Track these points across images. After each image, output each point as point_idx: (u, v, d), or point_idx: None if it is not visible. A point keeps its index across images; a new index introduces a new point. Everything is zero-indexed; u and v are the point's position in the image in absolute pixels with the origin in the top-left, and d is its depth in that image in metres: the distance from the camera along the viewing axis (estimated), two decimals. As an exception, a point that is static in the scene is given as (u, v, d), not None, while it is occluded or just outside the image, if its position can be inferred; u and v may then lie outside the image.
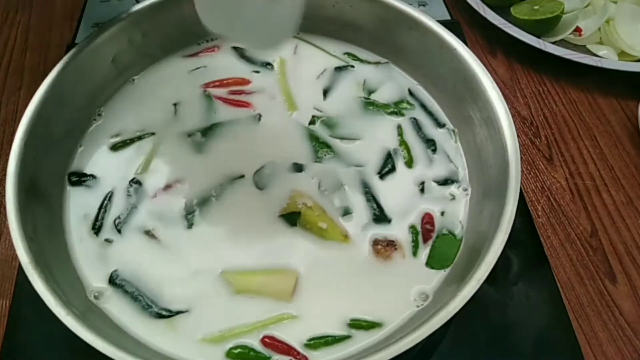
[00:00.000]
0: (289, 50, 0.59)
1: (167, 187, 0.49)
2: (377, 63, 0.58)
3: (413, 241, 0.47)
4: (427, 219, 0.48)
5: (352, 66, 0.58)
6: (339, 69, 0.58)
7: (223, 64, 0.57)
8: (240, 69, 0.57)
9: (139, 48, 0.55)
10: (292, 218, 0.47)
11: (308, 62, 0.58)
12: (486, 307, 0.49)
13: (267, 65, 0.58)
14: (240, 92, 0.56)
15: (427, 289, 0.44)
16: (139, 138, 0.52)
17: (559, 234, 0.55)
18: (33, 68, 0.69)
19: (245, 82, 0.56)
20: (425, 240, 0.47)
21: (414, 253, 0.46)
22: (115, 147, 0.52)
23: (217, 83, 0.56)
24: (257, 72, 0.57)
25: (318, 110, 0.54)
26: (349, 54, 0.59)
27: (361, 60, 0.59)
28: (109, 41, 0.52)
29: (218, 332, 0.42)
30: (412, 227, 0.47)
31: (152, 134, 0.52)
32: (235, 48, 0.59)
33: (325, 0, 0.56)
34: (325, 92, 0.56)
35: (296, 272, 0.45)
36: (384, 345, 0.37)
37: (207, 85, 0.56)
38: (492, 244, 0.40)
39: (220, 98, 0.55)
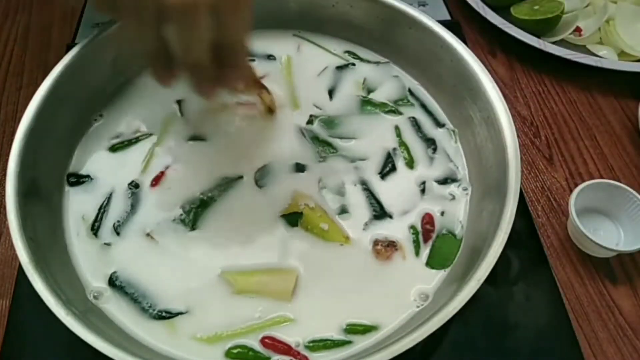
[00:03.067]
0: (293, 48, 0.59)
1: (165, 185, 0.49)
2: (378, 62, 0.58)
3: (414, 241, 0.47)
4: (427, 219, 0.48)
5: (353, 64, 0.58)
6: (340, 67, 0.58)
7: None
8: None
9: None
10: (293, 219, 0.47)
11: (310, 61, 0.58)
12: (486, 307, 0.49)
13: (270, 57, 0.58)
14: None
15: (427, 289, 0.44)
16: (139, 139, 0.52)
17: (559, 234, 0.55)
18: (33, 68, 0.69)
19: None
20: (425, 240, 0.47)
21: (416, 253, 0.46)
22: (114, 149, 0.52)
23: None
24: (253, 60, 0.57)
25: (317, 107, 0.54)
26: (349, 53, 0.59)
27: (362, 59, 0.59)
28: (109, 41, 0.52)
29: (217, 332, 0.42)
30: (412, 227, 0.47)
31: (152, 134, 0.52)
32: None
33: (326, 0, 0.56)
34: (330, 92, 0.56)
35: (296, 272, 0.45)
36: (384, 345, 0.37)
37: None
38: (492, 244, 0.40)
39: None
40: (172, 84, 0.41)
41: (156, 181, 0.49)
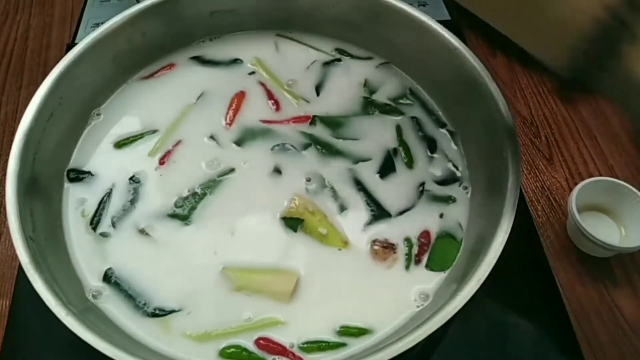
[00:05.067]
0: (271, 48, 0.59)
1: (172, 162, 0.50)
2: (368, 58, 0.58)
3: (407, 254, 0.46)
4: (424, 235, 0.47)
5: (339, 60, 0.58)
6: (327, 63, 0.58)
7: (199, 79, 0.56)
8: (221, 76, 0.56)
9: (139, 48, 0.55)
10: (293, 225, 0.47)
11: (295, 58, 0.58)
12: (486, 307, 0.49)
13: (236, 60, 0.58)
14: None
15: (427, 290, 0.44)
16: (143, 135, 0.52)
17: (559, 234, 0.55)
18: (33, 68, 0.69)
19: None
20: (419, 255, 0.46)
21: (407, 267, 0.46)
22: (119, 145, 0.52)
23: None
24: (253, 73, 0.57)
25: (306, 100, 0.55)
26: (341, 51, 0.59)
27: (352, 56, 0.59)
28: (109, 41, 0.52)
29: (212, 331, 0.42)
30: (407, 240, 0.47)
31: (156, 130, 0.52)
32: (192, 58, 0.58)
33: (326, 0, 0.56)
34: (318, 88, 0.56)
35: (297, 273, 0.45)
36: (384, 345, 0.37)
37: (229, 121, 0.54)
38: (492, 244, 0.40)
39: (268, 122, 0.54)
40: None
41: (163, 160, 0.50)
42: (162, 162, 0.50)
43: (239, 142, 0.52)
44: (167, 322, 0.43)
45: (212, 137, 0.52)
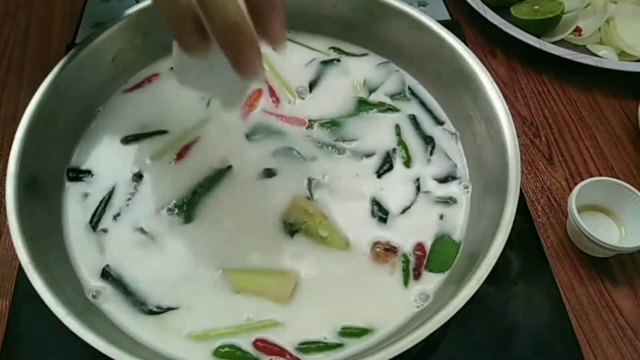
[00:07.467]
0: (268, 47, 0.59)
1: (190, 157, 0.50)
2: (364, 55, 0.58)
3: (404, 270, 0.46)
4: (419, 247, 0.47)
5: (338, 60, 0.58)
6: (325, 62, 0.58)
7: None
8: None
9: (139, 48, 0.55)
10: (294, 226, 0.47)
11: (291, 57, 0.58)
12: (486, 307, 0.49)
13: None
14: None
15: (427, 290, 0.44)
16: (148, 136, 0.52)
17: (559, 234, 0.55)
18: (33, 68, 0.69)
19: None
20: (417, 268, 0.46)
21: (405, 283, 0.45)
22: (127, 140, 0.52)
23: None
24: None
25: (301, 97, 0.55)
26: (335, 48, 0.59)
27: (347, 54, 0.59)
28: (109, 41, 0.52)
29: (209, 331, 0.42)
30: (403, 255, 0.46)
31: (166, 131, 0.53)
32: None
33: (325, 1, 0.56)
34: (311, 85, 0.56)
35: (297, 276, 0.45)
36: (384, 345, 0.37)
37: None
38: (492, 244, 0.40)
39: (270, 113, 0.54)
40: (206, 52, 0.36)
41: (181, 155, 0.51)
42: (180, 155, 0.51)
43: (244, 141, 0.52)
44: (165, 320, 0.43)
45: (223, 137, 0.52)
